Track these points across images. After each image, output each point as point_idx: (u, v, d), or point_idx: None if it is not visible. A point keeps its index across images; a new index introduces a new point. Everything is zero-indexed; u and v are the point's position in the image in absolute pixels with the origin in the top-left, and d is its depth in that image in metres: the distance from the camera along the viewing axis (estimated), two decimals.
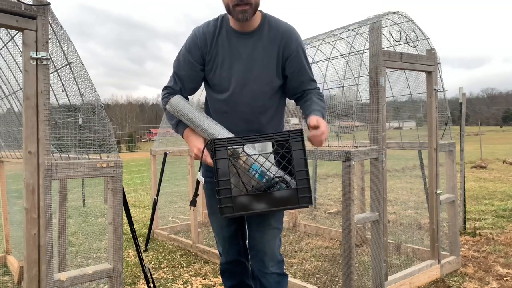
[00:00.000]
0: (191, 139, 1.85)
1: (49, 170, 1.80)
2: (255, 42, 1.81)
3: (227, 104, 1.87)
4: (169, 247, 4.32)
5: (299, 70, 1.86)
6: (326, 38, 3.60)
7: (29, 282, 1.77)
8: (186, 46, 1.88)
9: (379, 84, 2.67)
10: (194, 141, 1.83)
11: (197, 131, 1.82)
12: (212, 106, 1.95)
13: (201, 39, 1.83)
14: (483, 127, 37.57)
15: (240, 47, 1.81)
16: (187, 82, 1.92)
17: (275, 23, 1.83)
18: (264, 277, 1.97)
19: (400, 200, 6.49)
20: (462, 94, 4.79)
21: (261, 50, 1.81)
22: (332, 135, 3.25)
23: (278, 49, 1.82)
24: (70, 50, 1.93)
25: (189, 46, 1.86)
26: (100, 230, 5.11)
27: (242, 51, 1.81)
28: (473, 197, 6.58)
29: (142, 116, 72.56)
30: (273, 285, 1.98)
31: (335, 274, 3.34)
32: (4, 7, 1.69)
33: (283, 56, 1.83)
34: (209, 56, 1.84)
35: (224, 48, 1.82)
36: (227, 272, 2.14)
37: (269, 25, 1.81)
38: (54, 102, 1.93)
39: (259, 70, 1.82)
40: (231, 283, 2.14)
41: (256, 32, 1.80)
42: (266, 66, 1.83)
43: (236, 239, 2.07)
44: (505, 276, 3.16)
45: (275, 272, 1.98)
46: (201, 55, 1.85)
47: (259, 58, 1.81)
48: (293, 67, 1.85)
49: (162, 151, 4.47)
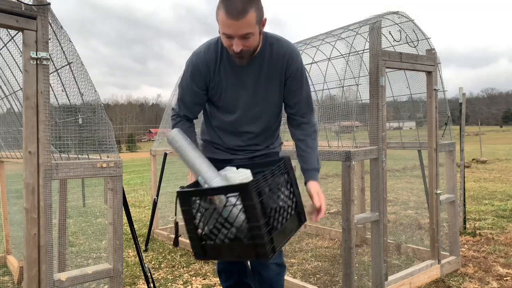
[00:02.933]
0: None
1: (49, 170, 1.80)
2: (258, 67, 1.80)
3: (231, 126, 1.93)
4: (169, 247, 4.32)
5: (296, 90, 1.88)
6: (326, 38, 3.60)
7: (29, 282, 1.77)
8: (189, 73, 1.84)
9: (379, 84, 2.67)
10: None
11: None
12: (215, 122, 1.97)
13: (203, 67, 1.80)
14: (483, 127, 37.58)
15: (243, 74, 1.81)
16: (192, 107, 1.92)
17: (277, 46, 1.80)
18: (264, 268, 1.99)
19: (400, 200, 6.48)
20: (462, 94, 4.79)
21: (264, 75, 1.82)
22: (332, 135, 3.25)
23: (281, 72, 1.82)
24: (70, 50, 1.93)
25: (192, 74, 1.83)
26: (100, 230, 5.11)
27: (245, 78, 1.82)
28: (473, 197, 6.57)
29: (142, 116, 72.56)
30: (273, 276, 2.00)
31: (335, 274, 3.34)
32: (4, 7, 1.69)
33: (285, 77, 1.85)
34: (213, 83, 1.83)
35: (227, 75, 1.81)
36: (224, 272, 2.14)
37: (271, 48, 1.79)
38: (54, 102, 1.93)
39: (263, 95, 1.87)
40: (228, 284, 2.14)
41: (258, 57, 1.78)
42: (270, 90, 1.86)
43: None
44: (505, 276, 3.16)
45: (274, 262, 2.00)
46: (205, 83, 1.84)
47: (263, 83, 1.84)
48: (290, 86, 1.87)
49: (162, 151, 4.46)
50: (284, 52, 1.80)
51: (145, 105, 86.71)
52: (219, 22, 1.62)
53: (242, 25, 1.58)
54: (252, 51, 1.71)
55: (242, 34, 1.60)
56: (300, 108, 1.91)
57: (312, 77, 3.87)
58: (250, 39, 1.64)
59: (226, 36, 1.62)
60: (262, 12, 1.64)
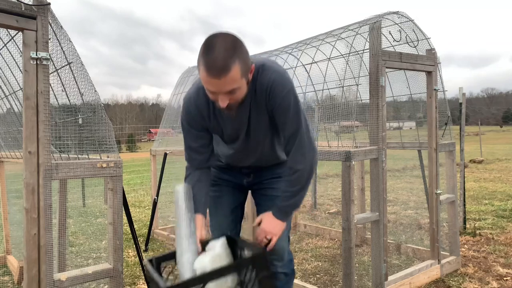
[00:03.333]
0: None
1: (49, 170, 1.80)
2: (248, 105, 1.70)
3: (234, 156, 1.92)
4: (169, 247, 4.32)
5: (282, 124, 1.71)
6: (326, 38, 3.60)
7: (29, 282, 1.77)
8: (185, 120, 1.79)
9: (379, 84, 2.67)
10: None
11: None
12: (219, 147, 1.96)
13: (196, 114, 1.74)
14: (483, 127, 37.58)
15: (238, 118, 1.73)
16: (199, 149, 1.83)
17: (260, 80, 1.65)
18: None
19: (400, 200, 6.48)
20: (462, 94, 4.79)
21: (254, 111, 1.72)
22: (332, 135, 3.25)
23: (265, 103, 1.69)
24: (70, 50, 1.94)
25: (189, 122, 1.78)
26: (100, 230, 5.11)
27: (241, 121, 1.75)
28: (473, 197, 6.57)
29: (142, 116, 72.55)
30: (278, 284, 1.92)
31: (335, 274, 3.34)
32: (4, 7, 1.69)
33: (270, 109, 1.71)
34: (211, 125, 1.78)
35: (222, 117, 1.75)
36: None
37: (256, 83, 1.66)
38: (54, 102, 1.93)
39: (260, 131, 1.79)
40: None
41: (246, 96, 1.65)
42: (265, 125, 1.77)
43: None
44: (505, 276, 3.16)
45: (282, 272, 1.92)
46: (202, 124, 1.78)
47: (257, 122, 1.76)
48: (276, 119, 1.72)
49: (162, 151, 4.46)
50: (266, 83, 1.64)
51: (145, 105, 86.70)
52: (201, 77, 1.49)
53: (225, 82, 1.45)
54: (240, 101, 1.60)
55: (226, 91, 1.49)
56: (286, 145, 1.74)
57: (312, 77, 3.87)
58: (236, 94, 1.52)
59: (211, 92, 1.52)
60: (247, 61, 1.51)
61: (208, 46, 1.44)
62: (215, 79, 1.44)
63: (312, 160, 1.73)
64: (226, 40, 1.45)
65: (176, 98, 5.33)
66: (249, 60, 1.53)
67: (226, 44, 1.44)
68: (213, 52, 1.42)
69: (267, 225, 1.77)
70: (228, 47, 1.44)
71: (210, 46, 1.44)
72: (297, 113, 1.68)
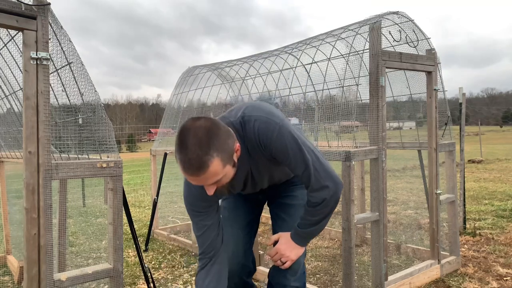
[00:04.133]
0: None
1: (49, 170, 1.80)
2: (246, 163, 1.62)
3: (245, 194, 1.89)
4: (169, 247, 4.32)
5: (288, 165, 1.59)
6: (326, 38, 3.60)
7: (29, 282, 1.77)
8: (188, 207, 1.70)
9: (379, 84, 2.67)
10: None
11: None
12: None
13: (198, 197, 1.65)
14: (483, 127, 37.58)
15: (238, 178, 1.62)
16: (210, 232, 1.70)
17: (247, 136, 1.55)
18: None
19: (400, 200, 6.48)
20: (462, 94, 4.79)
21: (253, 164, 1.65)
22: (332, 135, 3.25)
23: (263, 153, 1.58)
24: (70, 50, 1.94)
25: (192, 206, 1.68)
26: (100, 230, 5.11)
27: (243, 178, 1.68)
28: (473, 197, 6.57)
29: (142, 116, 72.54)
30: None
31: (335, 274, 3.34)
32: (4, 7, 1.69)
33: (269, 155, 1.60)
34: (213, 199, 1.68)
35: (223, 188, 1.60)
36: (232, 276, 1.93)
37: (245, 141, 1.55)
38: (54, 102, 1.93)
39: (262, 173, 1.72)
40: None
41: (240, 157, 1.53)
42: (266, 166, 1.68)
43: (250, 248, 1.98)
44: (505, 276, 3.16)
45: (295, 286, 1.81)
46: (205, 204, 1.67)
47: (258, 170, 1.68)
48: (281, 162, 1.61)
49: (162, 151, 4.46)
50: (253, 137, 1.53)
51: (145, 105, 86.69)
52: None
53: (206, 178, 1.35)
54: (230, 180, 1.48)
55: (209, 184, 1.40)
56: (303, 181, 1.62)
57: (312, 77, 3.87)
58: (222, 180, 1.42)
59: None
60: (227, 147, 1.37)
61: (180, 143, 1.32)
62: (194, 177, 1.35)
63: (333, 190, 1.58)
64: (198, 134, 1.31)
65: (176, 98, 5.33)
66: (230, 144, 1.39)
67: (199, 139, 1.30)
68: (186, 150, 1.31)
69: (284, 247, 1.69)
70: (202, 142, 1.30)
71: (182, 142, 1.32)
72: (298, 149, 1.52)
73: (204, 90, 5.18)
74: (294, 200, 1.85)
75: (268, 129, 1.50)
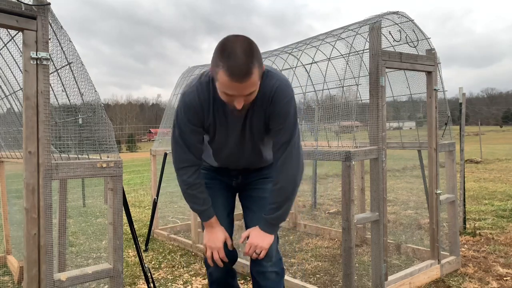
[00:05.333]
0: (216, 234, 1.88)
1: (49, 170, 1.80)
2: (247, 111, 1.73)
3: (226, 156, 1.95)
4: (169, 247, 4.32)
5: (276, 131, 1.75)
6: (326, 38, 3.60)
7: (29, 282, 1.77)
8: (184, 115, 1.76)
9: (379, 84, 2.67)
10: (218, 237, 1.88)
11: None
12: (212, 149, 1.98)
13: (199, 108, 1.74)
14: (483, 127, 37.57)
15: (234, 118, 1.76)
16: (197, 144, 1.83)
17: (264, 85, 1.68)
18: (264, 279, 1.93)
19: (400, 200, 6.49)
20: (462, 94, 4.79)
21: (252, 116, 1.76)
22: (332, 135, 3.25)
23: (265, 109, 1.74)
24: (70, 50, 1.93)
25: (188, 116, 1.75)
26: (100, 230, 5.11)
27: (236, 122, 1.78)
28: (473, 197, 6.57)
29: (142, 116, 72.55)
30: (270, 284, 1.94)
31: (335, 274, 3.34)
32: (4, 7, 1.69)
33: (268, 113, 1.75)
34: (207, 122, 1.79)
35: (220, 117, 1.76)
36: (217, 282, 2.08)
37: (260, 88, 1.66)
38: (54, 102, 1.93)
39: (253, 135, 1.83)
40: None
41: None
42: (259, 129, 1.81)
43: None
44: (505, 276, 3.16)
45: (273, 271, 1.94)
46: (200, 120, 1.78)
47: (252, 125, 1.79)
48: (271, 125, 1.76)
49: (162, 151, 4.46)
50: (270, 89, 1.69)
51: (145, 105, 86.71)
52: (218, 80, 1.50)
53: (246, 86, 1.49)
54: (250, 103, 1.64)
55: (246, 94, 1.53)
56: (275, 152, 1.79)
57: (312, 77, 3.87)
58: (252, 95, 1.57)
59: (228, 95, 1.54)
60: (262, 64, 1.55)
61: (228, 51, 1.45)
62: (238, 83, 1.47)
63: (297, 173, 1.77)
64: (244, 44, 1.47)
65: (176, 98, 5.32)
66: (262, 63, 1.56)
67: (246, 48, 1.46)
68: (234, 57, 1.44)
69: (255, 239, 1.82)
70: (248, 51, 1.46)
71: (230, 50, 1.45)
72: (294, 122, 1.73)
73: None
74: (265, 193, 1.97)
75: (284, 92, 1.70)
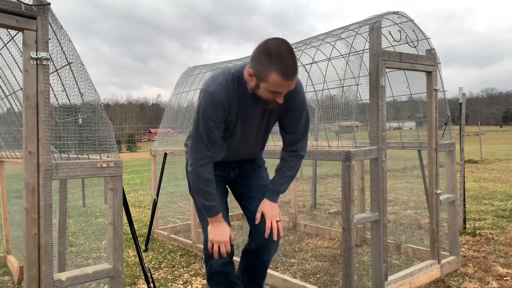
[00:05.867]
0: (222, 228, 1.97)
1: (49, 170, 1.80)
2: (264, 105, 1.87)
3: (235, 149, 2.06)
4: (169, 247, 4.32)
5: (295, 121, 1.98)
6: (326, 38, 3.60)
7: (29, 282, 1.77)
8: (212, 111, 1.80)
9: (379, 84, 2.67)
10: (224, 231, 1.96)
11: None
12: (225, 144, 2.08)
13: (226, 105, 1.82)
14: (483, 127, 37.57)
15: (252, 112, 1.90)
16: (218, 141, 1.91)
17: None
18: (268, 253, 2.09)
19: (400, 200, 6.49)
20: (462, 94, 4.79)
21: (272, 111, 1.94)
22: (332, 135, 3.25)
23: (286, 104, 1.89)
24: (70, 50, 1.93)
25: (217, 112, 1.81)
26: (100, 230, 5.11)
27: (254, 116, 1.93)
28: (473, 197, 6.57)
29: (142, 116, 72.51)
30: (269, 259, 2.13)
31: (335, 274, 3.34)
32: (4, 7, 1.69)
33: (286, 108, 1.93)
34: (230, 119, 1.89)
35: (241, 112, 1.89)
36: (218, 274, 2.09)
37: None
38: (54, 102, 1.93)
39: (264, 129, 2.03)
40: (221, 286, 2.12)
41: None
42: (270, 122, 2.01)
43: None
44: (505, 276, 3.16)
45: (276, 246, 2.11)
46: (226, 117, 1.87)
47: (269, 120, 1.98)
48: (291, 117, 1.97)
49: (162, 151, 4.47)
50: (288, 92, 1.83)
51: (145, 105, 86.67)
52: (267, 82, 1.65)
53: (293, 82, 1.68)
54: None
55: (290, 89, 1.71)
56: (295, 137, 2.02)
57: (312, 77, 3.87)
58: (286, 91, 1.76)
59: (274, 92, 1.69)
60: None
61: (277, 54, 1.62)
62: (289, 82, 1.66)
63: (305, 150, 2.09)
64: (286, 44, 1.65)
65: (176, 98, 5.32)
66: None
67: (289, 48, 1.64)
68: (285, 58, 1.62)
69: (270, 211, 1.98)
70: (291, 50, 1.64)
71: (278, 53, 1.62)
72: (307, 113, 2.00)
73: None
74: (263, 181, 2.17)
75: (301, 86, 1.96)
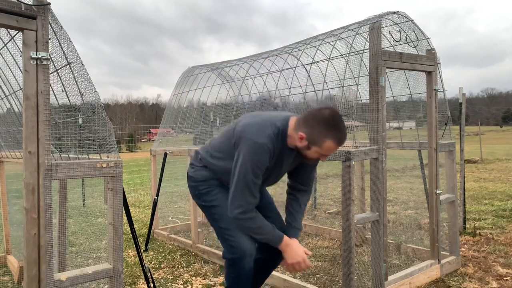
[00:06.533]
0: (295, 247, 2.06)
1: (49, 170, 1.80)
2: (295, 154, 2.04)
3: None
4: (169, 247, 4.32)
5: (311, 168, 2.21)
6: (326, 38, 3.60)
7: (29, 282, 1.77)
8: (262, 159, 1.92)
9: (379, 84, 2.67)
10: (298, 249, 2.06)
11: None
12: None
13: (272, 154, 1.96)
14: (483, 127, 37.56)
15: (286, 159, 2.05)
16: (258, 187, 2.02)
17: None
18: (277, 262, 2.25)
19: (400, 200, 6.48)
20: (462, 94, 4.79)
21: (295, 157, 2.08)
22: None
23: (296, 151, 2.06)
24: (70, 50, 1.93)
25: (265, 160, 1.93)
26: (100, 230, 5.11)
27: (287, 161, 2.07)
28: (473, 197, 6.57)
29: (142, 116, 72.52)
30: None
31: (335, 274, 3.34)
32: (4, 7, 1.69)
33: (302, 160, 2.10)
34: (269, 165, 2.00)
35: (278, 161, 2.03)
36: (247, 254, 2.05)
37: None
38: (54, 102, 1.93)
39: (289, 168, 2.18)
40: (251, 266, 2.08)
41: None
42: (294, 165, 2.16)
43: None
44: (505, 276, 3.16)
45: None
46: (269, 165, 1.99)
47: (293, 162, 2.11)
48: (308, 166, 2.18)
49: (162, 151, 4.47)
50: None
51: (145, 105, 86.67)
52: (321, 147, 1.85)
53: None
54: None
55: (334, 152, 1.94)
56: (306, 180, 2.22)
57: (312, 77, 3.87)
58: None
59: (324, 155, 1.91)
60: None
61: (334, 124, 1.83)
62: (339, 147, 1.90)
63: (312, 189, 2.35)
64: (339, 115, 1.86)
65: (176, 98, 5.33)
66: None
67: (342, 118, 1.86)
68: (341, 127, 1.84)
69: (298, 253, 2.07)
70: (343, 119, 1.86)
71: (335, 123, 1.83)
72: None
73: (204, 90, 5.18)
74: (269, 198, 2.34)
75: None
